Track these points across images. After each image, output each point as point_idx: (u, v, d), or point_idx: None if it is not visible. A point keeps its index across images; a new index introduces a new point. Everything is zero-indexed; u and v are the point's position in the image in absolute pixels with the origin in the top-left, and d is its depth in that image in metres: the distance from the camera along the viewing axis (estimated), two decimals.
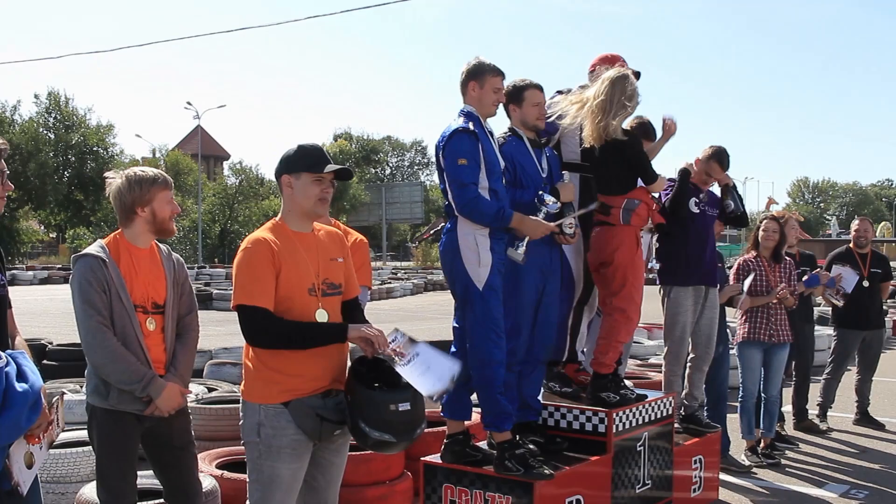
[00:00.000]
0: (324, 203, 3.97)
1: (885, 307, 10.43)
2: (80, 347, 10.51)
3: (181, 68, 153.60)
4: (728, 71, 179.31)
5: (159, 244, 4.52)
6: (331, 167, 3.94)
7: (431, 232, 60.81)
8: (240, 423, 4.02)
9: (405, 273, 47.86)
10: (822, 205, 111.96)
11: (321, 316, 3.91)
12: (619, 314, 5.95)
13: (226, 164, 79.26)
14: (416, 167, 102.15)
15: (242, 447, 6.14)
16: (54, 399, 3.71)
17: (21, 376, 3.46)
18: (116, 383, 4.15)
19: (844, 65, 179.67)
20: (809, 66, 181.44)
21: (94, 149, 60.08)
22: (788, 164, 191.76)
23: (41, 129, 59.29)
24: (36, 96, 61.25)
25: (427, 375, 3.82)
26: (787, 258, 8.31)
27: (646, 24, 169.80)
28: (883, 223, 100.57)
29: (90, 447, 5.99)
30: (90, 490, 5.28)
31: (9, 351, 3.55)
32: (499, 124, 5.52)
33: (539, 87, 5.53)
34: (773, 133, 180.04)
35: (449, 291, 5.44)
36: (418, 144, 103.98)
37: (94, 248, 4.26)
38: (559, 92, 6.10)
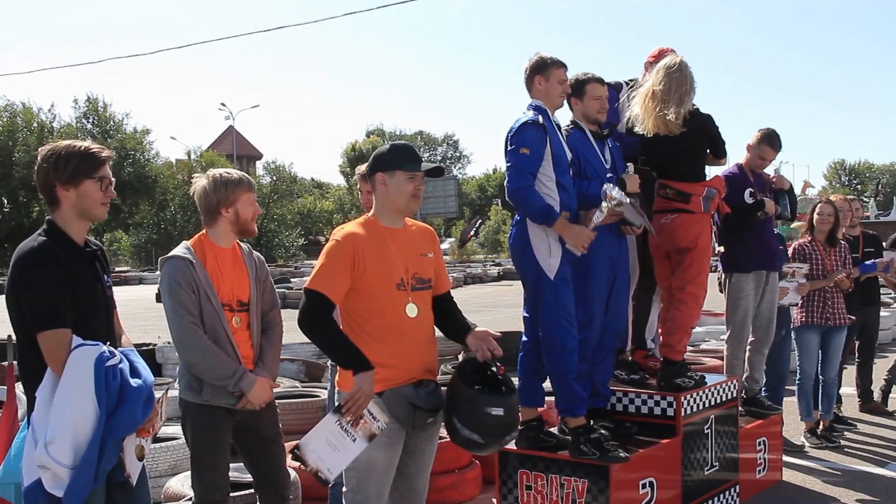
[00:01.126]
0: (417, 199, 4.12)
1: None
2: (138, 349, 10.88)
3: (215, 69, 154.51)
4: (759, 54, 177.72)
5: (240, 244, 4.68)
6: (425, 165, 4.10)
7: (472, 231, 61.00)
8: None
9: None
10: (859, 187, 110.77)
11: (411, 310, 4.05)
12: (693, 300, 6.08)
13: (259, 164, 79.69)
14: (448, 161, 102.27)
15: None
16: (160, 394, 3.89)
17: (134, 372, 3.64)
18: (210, 379, 4.30)
19: (877, 43, 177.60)
20: (842, 45, 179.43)
21: (131, 153, 60.73)
22: (824, 146, 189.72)
23: (79, 135, 59.96)
24: (75, 101, 61.86)
25: (334, 454, 3.94)
26: (843, 242, 8.36)
27: (670, 9, 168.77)
28: None
29: (167, 443, 6.22)
30: (177, 483, 5.47)
31: (120, 348, 3.74)
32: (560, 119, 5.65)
33: (600, 81, 5.65)
34: (808, 115, 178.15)
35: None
36: (450, 139, 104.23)
37: (180, 251, 4.42)
38: (608, 85, 6.18)
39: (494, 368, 4.12)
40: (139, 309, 23.74)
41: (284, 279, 32.07)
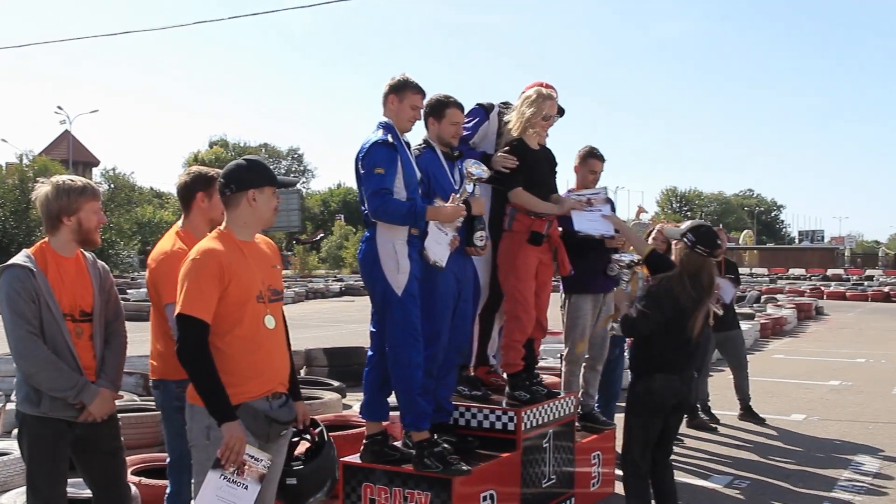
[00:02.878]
0: (276, 213, 4.16)
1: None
2: None
3: (54, 71, 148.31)
4: (599, 81, 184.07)
5: (84, 252, 4.57)
6: (286, 179, 4.21)
7: (303, 238, 60.81)
8: (186, 426, 4.10)
9: (285, 281, 47.46)
10: (689, 213, 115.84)
11: (269, 322, 4.07)
12: (510, 315, 6.31)
13: (96, 171, 76.91)
14: (292, 175, 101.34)
15: (156, 454, 6.25)
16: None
17: None
18: (49, 391, 4.20)
19: (709, 76, 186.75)
20: (677, 77, 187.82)
21: None
22: (658, 173, 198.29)
23: None
24: None
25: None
26: None
27: (516, 34, 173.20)
28: (745, 231, 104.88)
29: None
30: (9, 500, 5.28)
31: None
32: (415, 136, 5.77)
33: (461, 107, 5.80)
34: (643, 143, 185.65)
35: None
36: (294, 152, 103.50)
37: (20, 259, 4.30)
38: (479, 105, 6.43)
39: (308, 436, 4.45)
40: None
41: (121, 291, 31.10)
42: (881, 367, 15.75)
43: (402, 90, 5.43)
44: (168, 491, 4.83)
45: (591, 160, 7.47)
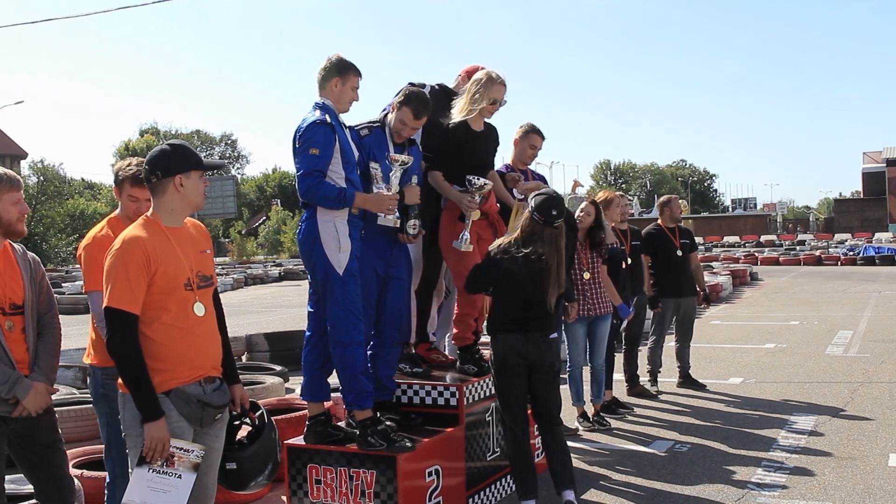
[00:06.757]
0: (204, 196, 4.11)
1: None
2: None
3: None
4: (528, 57, 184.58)
5: (13, 244, 4.49)
6: (212, 161, 4.11)
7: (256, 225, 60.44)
8: (119, 416, 4.05)
9: (223, 269, 47.12)
10: (623, 186, 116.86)
11: (199, 309, 4.02)
12: (457, 290, 6.38)
13: (24, 164, 75.30)
14: (226, 161, 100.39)
15: (98, 446, 6.17)
16: None
17: None
18: None
19: (638, 50, 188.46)
20: (607, 51, 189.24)
21: None
22: (591, 147, 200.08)
23: None
24: None
25: (167, 495, 3.88)
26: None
27: (443, 10, 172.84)
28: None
29: None
30: None
31: None
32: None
33: (423, 112, 5.79)
34: (576, 118, 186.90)
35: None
36: (228, 138, 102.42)
37: None
38: (412, 84, 6.43)
39: (248, 420, 4.40)
40: None
41: (56, 284, 30.59)
42: (814, 329, 16.14)
43: (345, 72, 5.41)
44: (107, 480, 4.79)
45: (532, 135, 7.56)
